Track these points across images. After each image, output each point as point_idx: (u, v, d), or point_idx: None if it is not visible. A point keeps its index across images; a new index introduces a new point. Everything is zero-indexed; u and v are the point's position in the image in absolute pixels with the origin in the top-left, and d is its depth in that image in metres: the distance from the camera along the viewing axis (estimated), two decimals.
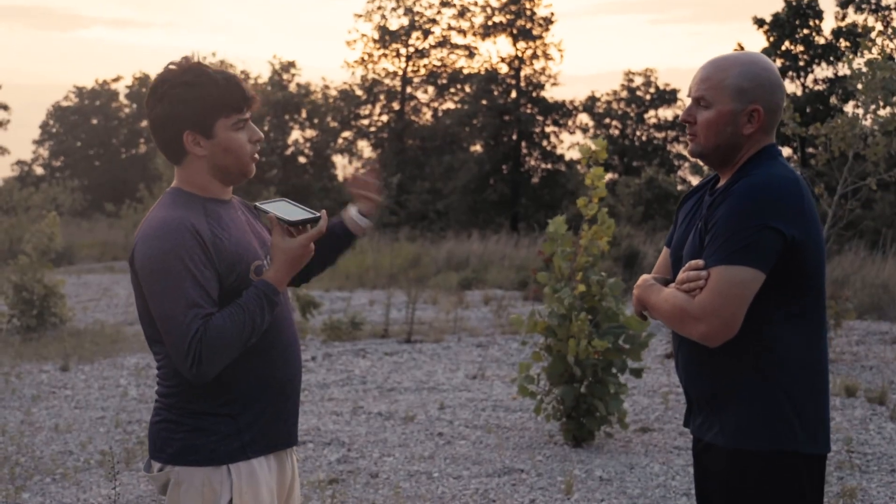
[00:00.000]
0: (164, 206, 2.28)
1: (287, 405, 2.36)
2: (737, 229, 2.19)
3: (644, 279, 2.43)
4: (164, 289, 2.17)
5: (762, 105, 2.29)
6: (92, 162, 46.08)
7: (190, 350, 2.15)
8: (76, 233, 24.68)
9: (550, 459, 5.73)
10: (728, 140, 2.31)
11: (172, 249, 2.18)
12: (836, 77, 30.68)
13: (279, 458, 2.38)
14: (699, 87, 2.34)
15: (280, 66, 40.69)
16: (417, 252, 19.34)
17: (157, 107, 2.28)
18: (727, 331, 2.21)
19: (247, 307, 2.20)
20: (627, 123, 39.56)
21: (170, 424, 2.28)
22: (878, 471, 5.49)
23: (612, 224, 6.12)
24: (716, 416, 2.31)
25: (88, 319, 11.81)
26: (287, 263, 2.26)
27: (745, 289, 2.18)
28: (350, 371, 8.55)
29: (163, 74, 2.29)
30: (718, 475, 2.31)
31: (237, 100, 2.28)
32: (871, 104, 8.61)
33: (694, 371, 2.35)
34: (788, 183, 2.23)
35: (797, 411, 2.25)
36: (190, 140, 2.28)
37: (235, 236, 2.30)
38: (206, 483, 2.25)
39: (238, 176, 2.34)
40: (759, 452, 2.24)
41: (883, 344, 9.91)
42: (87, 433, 6.34)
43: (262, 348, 2.29)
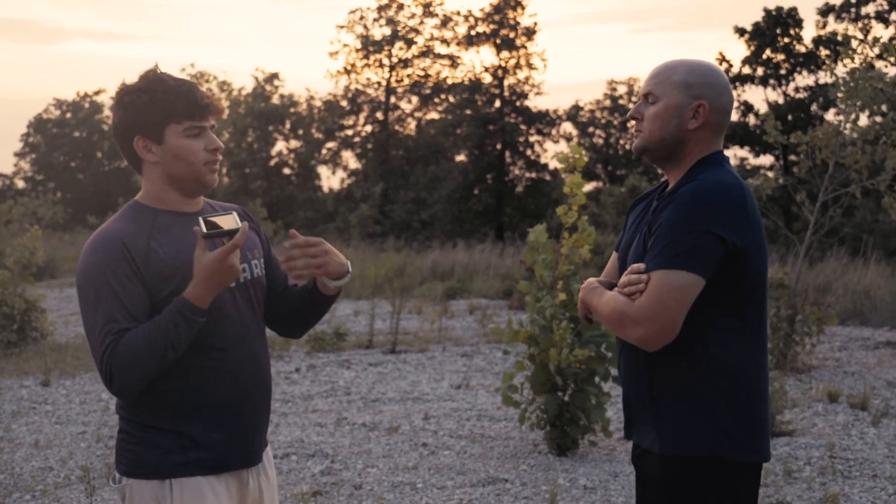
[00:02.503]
0: (112, 219, 2.31)
1: (240, 425, 2.31)
2: (678, 234, 2.20)
3: (589, 282, 2.44)
4: (86, 302, 2.20)
5: (708, 102, 2.32)
6: (75, 174, 45.87)
7: (102, 365, 2.16)
8: (58, 246, 24.52)
9: (534, 468, 5.72)
10: (673, 134, 2.32)
11: (97, 263, 2.20)
12: (816, 85, 30.89)
13: (239, 477, 2.33)
14: (648, 84, 2.37)
15: (263, 78, 40.65)
16: (402, 262, 19.30)
17: (115, 115, 2.32)
18: (665, 335, 2.21)
19: (159, 324, 2.16)
20: (611, 132, 39.70)
21: (125, 436, 2.30)
22: (861, 476, 5.50)
23: (593, 232, 6.13)
24: (652, 421, 2.31)
25: (70, 333, 11.73)
26: (205, 279, 2.17)
27: (684, 294, 2.18)
28: (334, 382, 8.52)
29: (123, 85, 2.33)
30: (655, 481, 2.32)
31: (188, 105, 2.26)
32: (853, 113, 8.67)
33: (633, 376, 2.36)
34: (732, 189, 2.24)
35: (733, 418, 2.25)
36: (141, 146, 2.28)
37: (178, 248, 2.25)
38: (152, 496, 2.25)
39: (193, 185, 2.30)
40: (695, 459, 2.24)
41: (865, 349, 9.95)
42: (68, 448, 6.28)
43: (208, 367, 2.26)
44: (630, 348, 2.34)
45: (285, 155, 40.71)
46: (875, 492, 5.20)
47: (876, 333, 11.04)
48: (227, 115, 2.67)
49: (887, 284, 13.58)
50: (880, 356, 9.49)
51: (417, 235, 32.38)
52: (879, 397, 7.61)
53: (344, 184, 39.80)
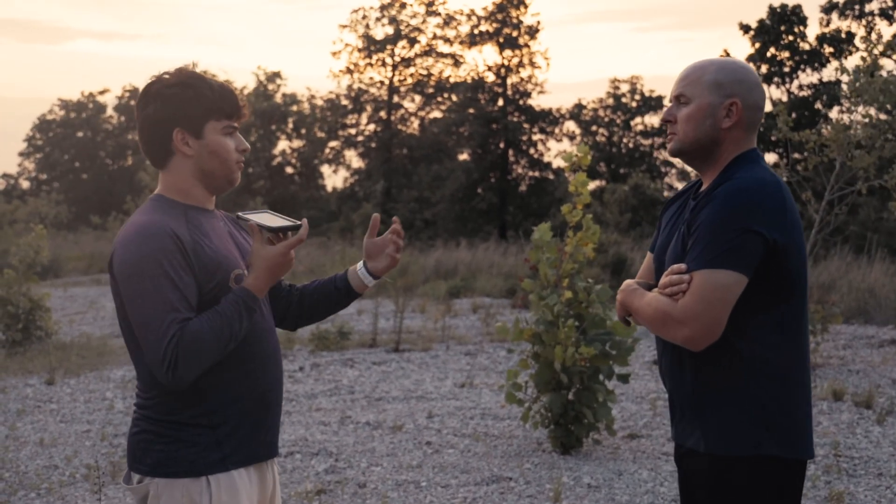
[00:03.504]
0: (145, 212, 2.28)
1: (268, 416, 2.35)
2: (719, 233, 2.19)
3: (627, 284, 2.43)
4: (142, 293, 2.16)
5: (740, 99, 2.32)
6: (79, 175, 45.92)
7: (166, 355, 2.13)
8: (63, 245, 24.57)
9: (539, 467, 5.72)
10: (707, 134, 2.32)
11: (151, 253, 2.17)
12: (821, 83, 30.85)
13: (260, 469, 2.36)
14: (679, 86, 2.37)
15: (265, 77, 40.67)
16: (405, 261, 19.30)
17: (150, 105, 2.29)
18: (710, 335, 2.20)
19: (224, 313, 2.19)
20: (614, 131, 39.67)
21: (149, 435, 2.26)
22: (866, 474, 5.49)
23: (598, 230, 6.12)
24: (697, 420, 2.31)
25: (74, 332, 11.74)
26: (266, 271, 2.26)
27: (727, 293, 2.18)
28: (338, 381, 8.52)
29: (157, 78, 2.31)
30: (700, 480, 2.31)
31: (229, 105, 2.31)
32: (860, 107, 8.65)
33: (677, 376, 2.35)
34: (771, 187, 2.23)
35: (778, 416, 2.24)
36: (179, 138, 2.28)
37: (216, 244, 2.29)
38: (185, 494, 2.23)
39: (222, 182, 2.34)
40: (740, 458, 2.24)
41: (869, 348, 9.94)
42: (73, 447, 6.29)
43: (241, 359, 2.28)
44: (672, 349, 2.34)
45: (288, 154, 40.75)
46: (880, 490, 5.19)
47: (880, 332, 11.02)
48: None
49: (892, 283, 13.55)
50: (885, 354, 9.48)
51: (420, 234, 32.37)
52: (884, 396, 7.60)
53: (347, 183, 39.81)
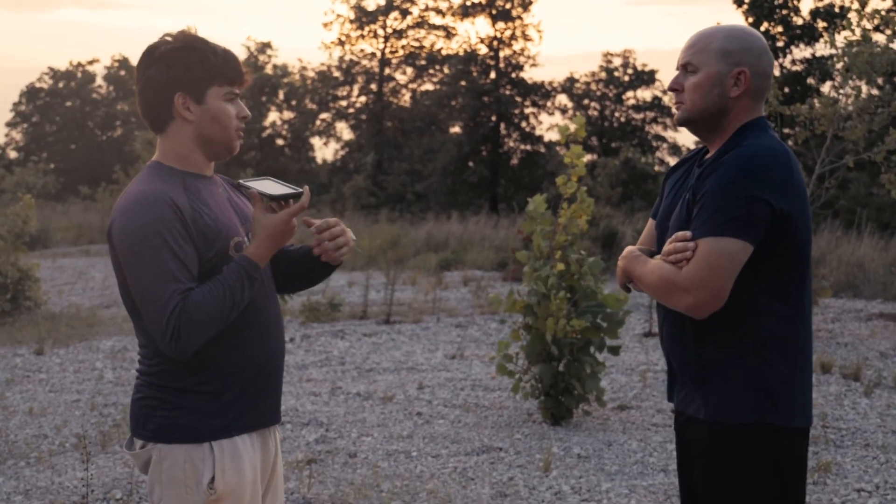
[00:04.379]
0: (143, 180, 2.25)
1: (269, 383, 2.34)
2: (726, 200, 2.18)
3: (629, 250, 2.41)
4: (143, 263, 2.14)
5: (748, 67, 2.29)
6: (67, 145, 45.60)
7: (169, 325, 2.12)
8: (51, 216, 24.43)
9: (529, 437, 5.74)
10: (715, 103, 2.30)
11: (151, 223, 2.14)
12: (813, 57, 30.78)
13: (262, 435, 2.36)
14: (686, 54, 2.34)
15: (256, 48, 40.37)
16: (396, 233, 19.29)
17: (152, 68, 2.25)
18: (714, 302, 2.19)
19: (227, 282, 2.18)
20: (606, 104, 39.55)
21: (152, 401, 2.25)
22: (853, 445, 5.54)
23: (591, 203, 6.11)
24: (698, 389, 2.30)
25: (64, 303, 11.71)
26: (268, 239, 2.24)
27: (732, 260, 2.17)
28: (329, 352, 8.52)
29: (159, 40, 2.28)
30: (700, 448, 2.31)
31: (232, 71, 2.28)
32: (849, 83, 8.63)
33: (678, 343, 2.34)
34: (778, 155, 2.22)
35: (780, 385, 2.24)
36: (181, 103, 2.25)
37: (215, 212, 2.27)
38: (188, 460, 2.23)
39: (222, 149, 2.31)
40: (742, 426, 2.24)
41: (858, 321, 9.99)
42: (62, 416, 6.28)
43: (243, 326, 2.26)
44: (674, 316, 2.32)
45: (278, 126, 40.54)
46: (867, 461, 5.23)
47: (869, 305, 11.08)
48: None
49: (880, 257, 13.62)
50: (873, 328, 9.53)
51: (412, 207, 32.32)
52: (872, 368, 7.65)
53: (337, 155, 39.66)
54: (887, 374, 7.43)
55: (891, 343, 8.69)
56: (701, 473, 2.31)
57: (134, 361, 7.73)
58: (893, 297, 11.63)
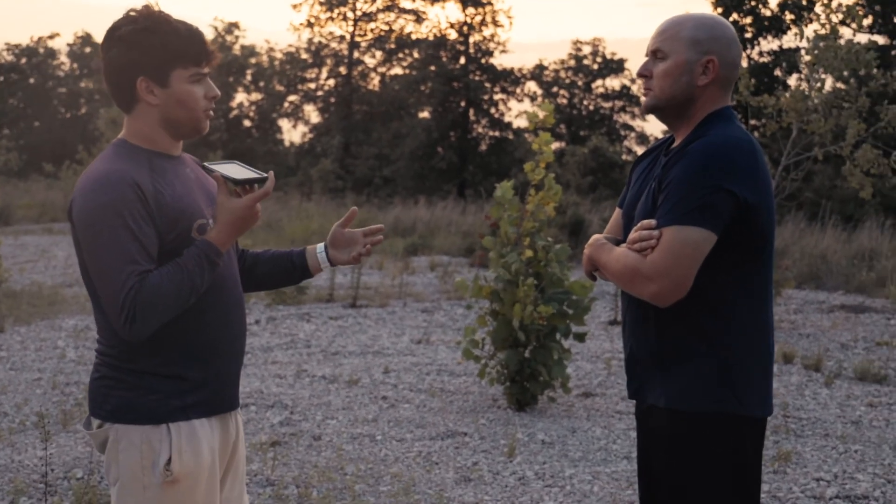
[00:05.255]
0: (106, 159, 2.20)
1: (230, 368, 2.32)
2: (690, 190, 2.19)
3: (595, 238, 2.42)
4: (101, 243, 2.10)
5: (717, 56, 2.30)
6: (30, 122, 44.86)
7: (124, 307, 2.09)
8: (13, 193, 24.05)
9: (493, 423, 5.76)
10: (683, 91, 2.30)
11: (111, 203, 2.10)
12: (780, 50, 31.05)
13: (222, 418, 2.34)
14: (656, 40, 2.34)
15: (223, 28, 39.93)
16: (364, 217, 19.22)
17: (113, 50, 2.20)
18: (678, 291, 2.20)
19: (185, 266, 2.14)
20: (574, 93, 39.65)
21: (110, 381, 2.22)
22: (813, 435, 5.62)
23: (559, 190, 6.12)
24: (659, 377, 2.31)
25: (25, 281, 11.54)
26: (231, 224, 2.20)
27: (696, 249, 2.18)
28: (294, 335, 8.49)
29: (122, 19, 2.21)
30: (660, 437, 2.32)
31: (197, 52, 2.22)
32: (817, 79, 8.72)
33: (641, 331, 2.35)
34: (744, 145, 2.22)
35: (740, 374, 2.25)
36: (143, 87, 2.20)
37: (179, 192, 2.23)
38: (144, 441, 2.20)
39: (189, 131, 2.27)
40: (701, 414, 2.25)
41: (820, 312, 10.13)
42: (23, 395, 6.20)
43: (204, 309, 2.23)
44: (636, 305, 2.33)
45: (246, 107, 40.17)
46: (826, 450, 5.31)
47: (831, 297, 11.24)
48: None
49: (843, 249, 13.80)
50: (835, 319, 9.67)
51: (379, 192, 32.23)
52: (833, 359, 7.76)
53: (305, 138, 39.41)
54: (848, 365, 7.54)
55: (852, 335, 8.83)
56: (660, 461, 2.33)
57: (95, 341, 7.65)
58: (855, 288, 11.79)
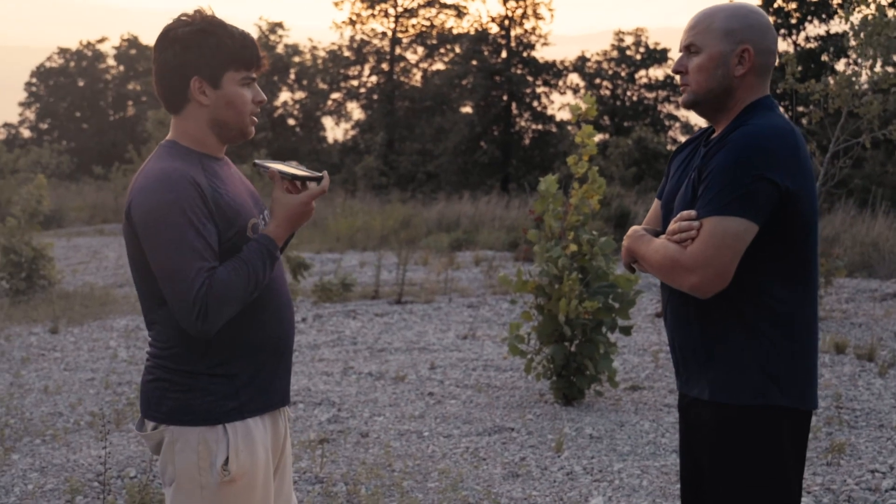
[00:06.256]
0: (162, 158, 2.23)
1: (281, 364, 2.34)
2: (731, 179, 2.16)
3: (634, 230, 2.40)
4: (167, 241, 2.11)
5: (752, 45, 2.26)
6: (79, 124, 45.68)
7: (195, 304, 2.10)
8: (65, 195, 24.53)
9: (540, 418, 5.75)
10: (720, 83, 2.27)
11: (175, 201, 2.12)
12: (828, 35, 30.51)
13: (273, 416, 2.36)
14: (688, 35, 2.32)
15: (268, 27, 40.27)
16: (408, 213, 19.28)
17: (168, 51, 2.23)
18: (719, 282, 2.18)
19: (249, 261, 2.18)
20: (618, 84, 39.34)
21: (164, 383, 2.25)
22: (867, 426, 5.52)
23: (603, 183, 6.08)
24: (702, 370, 2.29)
25: (78, 282, 11.76)
26: (287, 220, 2.25)
27: (737, 240, 2.15)
28: (341, 332, 8.54)
29: (176, 21, 2.24)
30: (704, 430, 2.30)
31: (250, 56, 2.25)
32: (867, 61, 8.55)
33: (683, 324, 2.33)
34: (785, 133, 2.19)
35: (784, 365, 2.23)
36: (196, 87, 2.23)
37: (232, 192, 2.26)
38: (201, 442, 2.22)
39: (236, 134, 2.30)
40: (745, 407, 2.22)
41: (872, 301, 9.95)
42: (77, 395, 6.32)
43: (257, 307, 2.26)
44: (679, 297, 2.31)
45: (290, 105, 40.49)
46: (881, 441, 5.21)
47: (883, 285, 11.02)
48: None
49: (895, 236, 13.52)
50: (888, 308, 9.49)
51: (423, 187, 32.28)
52: (886, 348, 7.62)
53: (348, 135, 39.61)
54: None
55: None
56: (703, 454, 2.31)
57: (147, 341, 7.78)
58: None
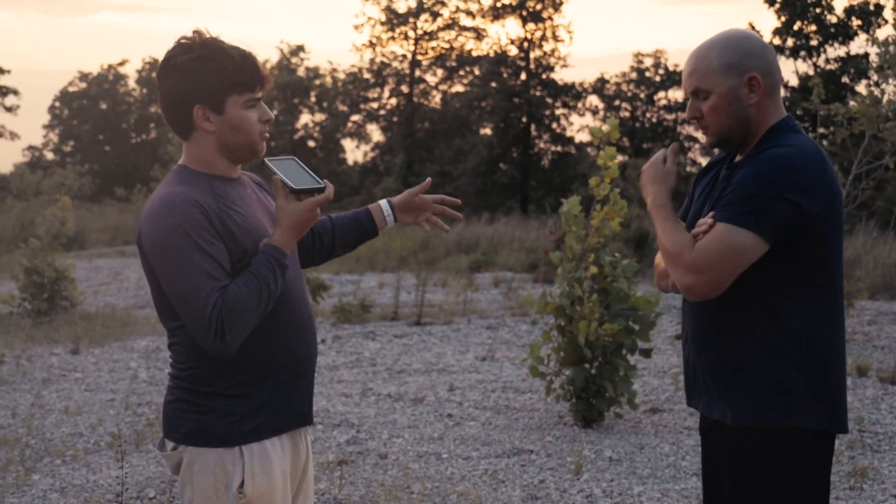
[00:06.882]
0: (168, 184, 2.25)
1: (301, 385, 2.33)
2: (752, 193, 2.16)
3: (661, 195, 2.36)
4: (176, 266, 2.13)
5: (757, 71, 2.27)
6: (102, 147, 46.13)
7: (211, 323, 2.11)
8: (87, 217, 24.73)
9: (560, 440, 5.72)
10: (738, 116, 2.27)
11: (179, 225, 2.14)
12: (848, 56, 30.41)
13: (293, 438, 2.36)
14: (691, 81, 2.31)
15: (289, 51, 40.61)
16: (427, 235, 19.28)
17: (169, 79, 2.23)
18: (711, 291, 2.19)
19: (259, 273, 2.17)
20: (637, 105, 39.33)
21: (183, 404, 2.26)
22: (890, 450, 5.45)
23: (625, 205, 6.08)
24: (724, 393, 2.27)
25: (99, 303, 11.84)
26: (291, 228, 2.23)
27: (741, 254, 2.15)
28: (359, 353, 8.55)
29: (176, 48, 2.24)
30: (727, 453, 2.29)
31: (251, 78, 2.24)
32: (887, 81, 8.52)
33: (702, 344, 2.32)
34: (813, 156, 2.19)
35: (808, 388, 2.21)
36: (200, 115, 2.23)
37: (244, 213, 2.26)
38: (218, 464, 2.23)
39: (246, 154, 2.30)
40: (769, 430, 2.21)
41: (894, 324, 9.85)
42: (97, 415, 6.35)
43: (276, 328, 2.26)
44: (700, 319, 2.31)
45: (310, 128, 40.74)
46: None
47: None
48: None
49: None
50: None
51: None
52: None
53: (368, 157, 39.78)
54: None
55: None
56: (728, 478, 2.29)
57: (167, 361, 7.81)
58: None
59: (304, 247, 2.61)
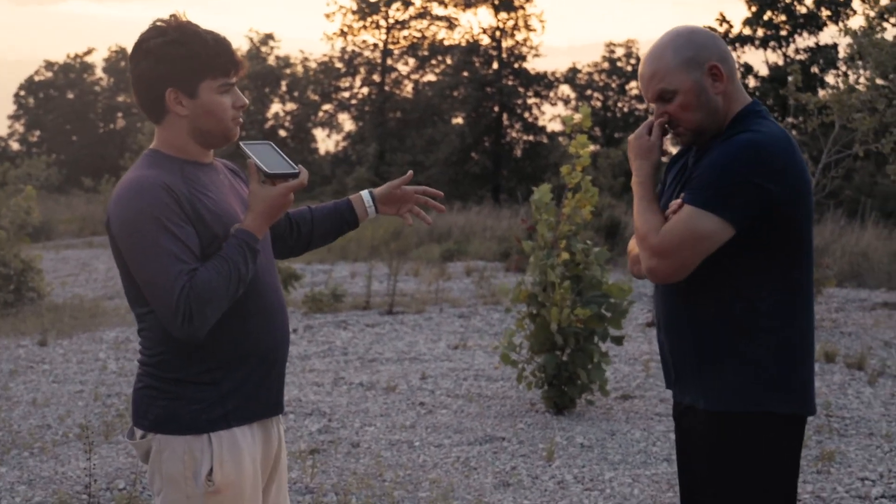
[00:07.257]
0: (138, 167, 2.22)
1: (271, 373, 2.31)
2: (718, 177, 2.16)
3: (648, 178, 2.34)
4: (144, 249, 2.10)
5: (715, 59, 2.27)
6: (69, 137, 45.61)
7: (178, 307, 2.08)
8: (55, 208, 24.45)
9: (532, 427, 5.73)
10: (708, 108, 2.27)
11: (147, 208, 2.11)
12: (817, 46, 30.68)
13: (264, 426, 2.33)
14: (653, 84, 2.29)
15: (259, 39, 40.34)
16: (399, 224, 19.27)
17: (142, 63, 2.20)
18: (674, 274, 2.20)
19: (229, 257, 2.14)
20: (609, 95, 39.48)
21: (151, 391, 2.23)
22: (857, 434, 5.52)
23: (596, 192, 6.09)
24: (696, 378, 2.29)
25: (67, 294, 11.71)
26: (264, 212, 2.20)
27: (705, 238, 2.16)
28: (331, 342, 8.52)
29: (150, 30, 2.21)
30: (697, 438, 2.30)
31: (225, 63, 2.22)
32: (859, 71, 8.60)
33: (675, 330, 2.33)
34: (780, 141, 2.20)
35: (780, 373, 2.22)
36: (172, 98, 2.21)
37: (215, 198, 2.24)
38: (186, 451, 2.20)
39: (219, 139, 2.28)
40: (740, 414, 2.22)
41: (862, 311, 9.97)
42: (66, 407, 6.28)
43: (246, 314, 2.23)
44: (672, 305, 2.31)
45: (281, 117, 40.53)
46: (871, 450, 5.22)
47: (873, 295, 11.06)
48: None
49: (884, 246, 13.59)
50: (877, 317, 9.51)
51: None
52: (875, 357, 7.63)
53: (340, 146, 39.65)
54: (891, 363, 7.42)
55: (895, 332, 8.68)
56: (700, 462, 2.30)
57: (137, 352, 7.74)
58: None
59: (283, 237, 2.59)
